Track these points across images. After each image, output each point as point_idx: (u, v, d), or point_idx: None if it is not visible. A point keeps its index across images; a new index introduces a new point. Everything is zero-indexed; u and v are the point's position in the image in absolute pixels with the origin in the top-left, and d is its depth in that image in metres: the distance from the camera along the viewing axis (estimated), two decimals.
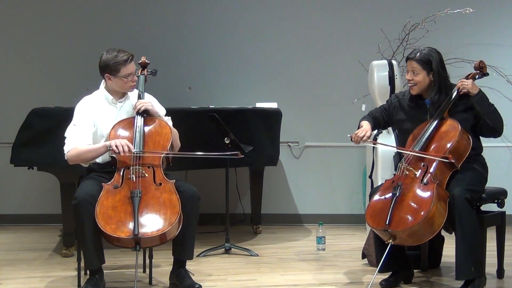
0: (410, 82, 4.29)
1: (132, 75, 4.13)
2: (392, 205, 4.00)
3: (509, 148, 6.39)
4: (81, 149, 4.04)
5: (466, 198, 3.97)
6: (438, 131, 4.19)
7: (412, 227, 3.91)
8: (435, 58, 4.25)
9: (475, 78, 4.33)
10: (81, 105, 4.21)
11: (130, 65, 4.11)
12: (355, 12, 6.46)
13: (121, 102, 4.24)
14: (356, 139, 4.30)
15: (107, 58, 4.10)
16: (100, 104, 4.21)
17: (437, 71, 4.24)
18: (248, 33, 6.47)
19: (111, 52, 4.12)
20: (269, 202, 6.30)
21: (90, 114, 4.15)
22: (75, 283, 4.25)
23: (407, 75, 4.31)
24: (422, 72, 4.25)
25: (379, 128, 4.63)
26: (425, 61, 4.24)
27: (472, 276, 4.01)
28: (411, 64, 4.27)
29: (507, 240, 4.43)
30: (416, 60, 4.25)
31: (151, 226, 3.82)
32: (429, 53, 4.26)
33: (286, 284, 4.35)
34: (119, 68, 4.09)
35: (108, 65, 4.10)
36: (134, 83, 4.18)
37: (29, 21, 6.36)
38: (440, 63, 4.27)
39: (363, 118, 4.50)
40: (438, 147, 4.13)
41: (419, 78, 4.26)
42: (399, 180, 4.13)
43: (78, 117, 4.15)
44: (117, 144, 3.93)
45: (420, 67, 4.24)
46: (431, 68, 4.24)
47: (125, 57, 4.09)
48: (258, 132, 5.47)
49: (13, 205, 6.37)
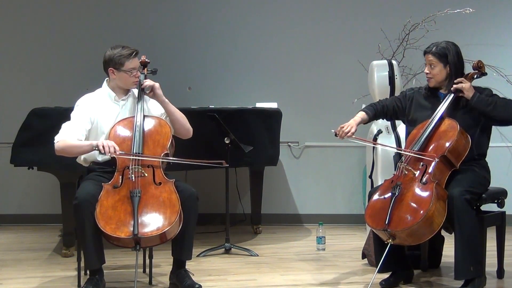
0: (428, 75, 4.34)
1: (135, 70, 4.17)
2: (392, 205, 4.00)
3: (509, 148, 6.39)
4: (68, 143, 4.05)
5: (465, 199, 3.97)
6: (437, 131, 4.19)
7: (411, 227, 3.91)
8: (451, 51, 4.29)
9: (474, 78, 4.34)
10: (81, 101, 4.23)
11: (134, 60, 4.16)
12: (355, 12, 6.46)
13: (124, 100, 4.25)
14: (340, 134, 4.29)
15: (111, 52, 4.16)
16: (101, 102, 4.21)
17: (453, 64, 4.28)
18: (248, 33, 6.48)
19: (116, 47, 4.18)
20: (269, 202, 6.30)
21: (89, 111, 4.16)
22: (75, 283, 4.26)
23: (426, 68, 4.35)
24: (438, 65, 4.28)
25: (385, 117, 4.59)
26: (442, 54, 4.28)
27: (471, 276, 4.00)
28: (428, 57, 4.31)
29: (507, 240, 4.44)
30: (432, 53, 4.29)
31: (151, 225, 3.82)
32: (446, 46, 4.30)
33: (286, 284, 4.35)
34: (124, 61, 4.13)
35: (112, 58, 4.14)
36: (137, 79, 4.20)
37: (29, 21, 6.36)
38: (456, 56, 4.31)
39: (363, 108, 4.51)
40: (437, 147, 4.14)
41: (435, 71, 4.30)
42: (398, 179, 4.13)
43: (76, 112, 4.17)
44: (104, 145, 3.92)
45: (436, 60, 4.28)
46: (447, 61, 4.28)
47: (130, 51, 4.15)
48: (258, 132, 5.47)
49: (13, 205, 6.37)
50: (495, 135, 4.45)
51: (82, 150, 4.06)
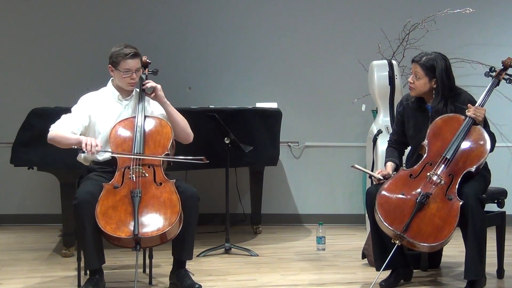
0: (411, 84, 4.26)
1: (130, 72, 4.11)
2: (414, 212, 3.93)
3: (509, 148, 6.40)
4: (59, 134, 4.05)
5: (479, 198, 3.98)
6: (468, 139, 4.12)
7: (431, 244, 3.91)
8: (440, 65, 4.19)
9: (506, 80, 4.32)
10: (84, 97, 4.24)
11: (130, 61, 4.10)
12: (355, 12, 6.46)
13: (128, 100, 4.25)
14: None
15: (114, 49, 4.15)
16: (104, 101, 4.21)
17: (440, 79, 4.19)
18: (248, 33, 6.47)
19: (120, 45, 4.16)
20: (269, 202, 6.29)
21: (89, 108, 4.16)
22: (75, 283, 4.25)
23: (410, 77, 4.27)
24: (424, 78, 4.20)
25: (407, 145, 4.49)
26: (429, 67, 4.19)
27: (480, 276, 4.01)
28: (415, 68, 4.23)
29: (507, 240, 4.44)
30: (420, 64, 4.20)
31: (151, 226, 3.82)
32: (434, 59, 4.20)
33: (286, 284, 4.34)
34: (119, 60, 4.10)
35: (111, 55, 4.14)
36: (133, 81, 4.15)
37: (29, 21, 6.36)
38: (445, 71, 4.20)
39: (387, 159, 4.41)
40: (466, 160, 4.07)
41: (419, 83, 4.22)
42: (425, 188, 4.01)
43: (77, 106, 4.19)
44: (87, 143, 3.92)
45: (422, 73, 4.20)
46: (434, 75, 4.19)
47: (127, 51, 4.10)
48: (258, 132, 5.47)
49: (13, 205, 6.37)
50: (495, 135, 4.45)
51: (68, 143, 4.02)
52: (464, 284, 4.05)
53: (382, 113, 5.56)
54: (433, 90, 4.24)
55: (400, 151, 4.48)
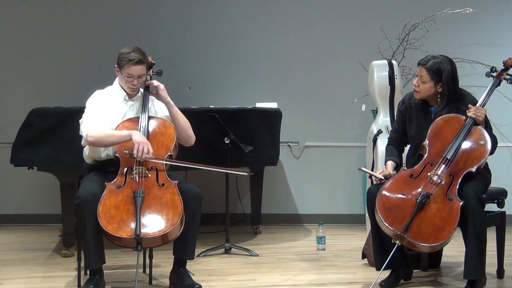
0: (416, 87, 4.23)
1: (132, 78, 4.10)
2: (415, 212, 3.93)
3: (509, 148, 6.40)
4: (105, 133, 4.02)
5: (479, 198, 3.97)
6: (469, 139, 4.12)
7: (431, 244, 3.90)
8: (446, 70, 4.15)
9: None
10: (95, 96, 4.21)
11: (133, 67, 4.07)
12: (355, 12, 6.46)
13: (133, 100, 4.24)
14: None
15: (122, 50, 4.13)
16: (111, 100, 4.20)
17: (446, 84, 4.16)
18: (248, 33, 6.47)
19: (129, 47, 4.13)
20: (269, 202, 6.29)
21: (102, 105, 4.14)
22: (75, 283, 4.26)
23: (415, 80, 4.24)
24: (429, 82, 4.17)
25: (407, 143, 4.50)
26: (435, 71, 4.15)
27: (480, 276, 4.01)
28: (421, 71, 4.19)
29: (507, 240, 4.44)
30: (426, 68, 4.16)
31: (153, 226, 3.81)
32: (441, 63, 4.16)
33: (286, 284, 4.34)
34: (123, 64, 4.09)
35: (119, 56, 4.13)
36: (134, 87, 4.14)
37: (29, 21, 6.35)
38: (451, 75, 4.17)
39: (387, 158, 4.41)
40: (467, 159, 4.08)
41: (424, 87, 4.19)
42: (425, 188, 4.01)
43: (93, 106, 4.13)
44: (139, 149, 3.91)
45: (428, 77, 4.16)
46: (440, 80, 4.16)
47: (132, 57, 4.06)
48: (258, 132, 5.47)
49: (13, 205, 6.37)
50: (495, 135, 4.44)
51: (120, 139, 3.99)
52: (464, 284, 4.05)
53: (382, 113, 5.56)
54: (438, 94, 4.22)
55: (400, 149, 4.48)
